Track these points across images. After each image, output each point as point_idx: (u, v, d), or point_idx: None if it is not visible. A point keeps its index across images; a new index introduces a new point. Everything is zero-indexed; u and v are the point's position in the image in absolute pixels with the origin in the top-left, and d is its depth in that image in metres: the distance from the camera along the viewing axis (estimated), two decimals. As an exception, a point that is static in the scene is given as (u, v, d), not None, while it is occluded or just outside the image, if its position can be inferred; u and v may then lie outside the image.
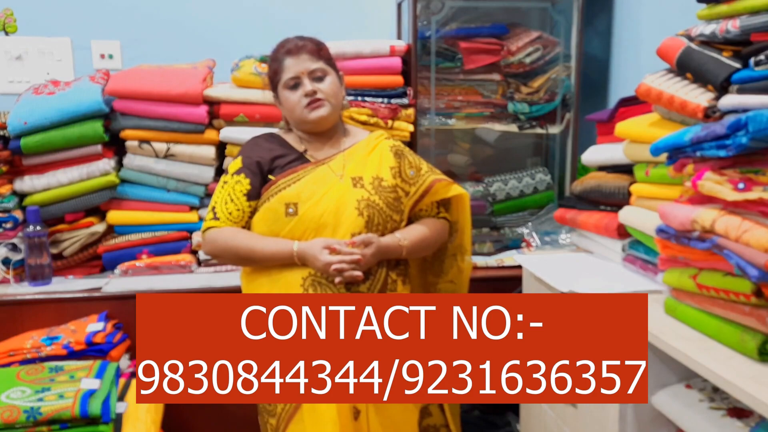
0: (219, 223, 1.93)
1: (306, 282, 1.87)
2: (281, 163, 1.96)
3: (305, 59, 1.94)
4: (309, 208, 1.88)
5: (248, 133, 2.53)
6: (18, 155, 2.44)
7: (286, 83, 1.95)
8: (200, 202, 2.62)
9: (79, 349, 2.13)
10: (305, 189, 1.90)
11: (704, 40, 1.58)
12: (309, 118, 1.94)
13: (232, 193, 1.93)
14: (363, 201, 1.90)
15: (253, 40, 2.86)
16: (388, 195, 1.94)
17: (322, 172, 1.93)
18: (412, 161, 2.03)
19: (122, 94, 2.52)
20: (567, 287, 1.74)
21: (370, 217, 1.90)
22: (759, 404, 1.10)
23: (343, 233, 1.87)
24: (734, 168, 1.31)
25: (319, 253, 1.82)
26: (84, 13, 2.90)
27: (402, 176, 1.99)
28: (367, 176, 1.94)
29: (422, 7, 2.65)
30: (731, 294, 1.28)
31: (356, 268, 1.83)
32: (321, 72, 1.95)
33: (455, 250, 2.11)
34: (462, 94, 2.75)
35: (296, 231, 1.88)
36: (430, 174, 2.02)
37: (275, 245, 1.88)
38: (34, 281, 2.39)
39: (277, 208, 1.89)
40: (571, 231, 2.21)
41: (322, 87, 1.94)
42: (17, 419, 1.77)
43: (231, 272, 2.54)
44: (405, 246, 1.92)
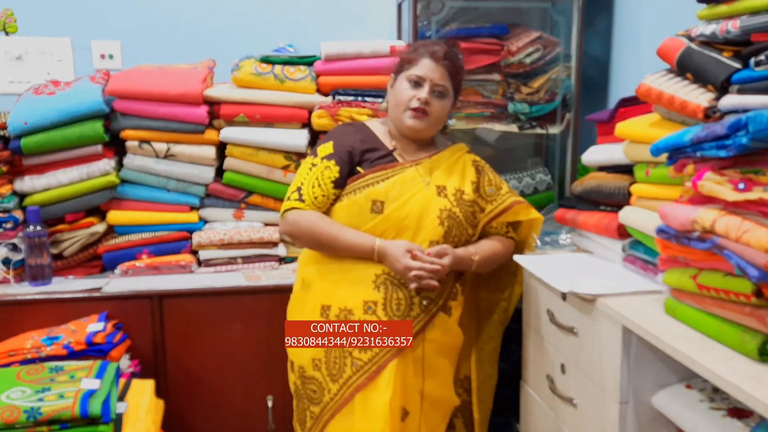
0: (303, 205, 1.93)
1: (379, 279, 1.89)
2: (371, 157, 1.97)
3: (441, 71, 1.96)
4: (395, 209, 1.90)
5: (248, 134, 2.54)
6: (18, 155, 2.44)
7: (410, 76, 1.97)
8: (200, 202, 2.62)
9: (80, 349, 2.13)
10: (393, 189, 1.92)
11: (704, 41, 1.58)
12: (406, 122, 1.97)
13: (320, 178, 1.94)
14: (445, 211, 1.93)
15: (253, 40, 2.88)
16: (468, 209, 1.98)
17: (410, 175, 1.95)
18: (492, 179, 2.07)
19: (122, 94, 2.52)
20: (567, 287, 1.74)
21: (449, 227, 1.93)
22: (759, 404, 1.10)
23: (422, 239, 1.90)
24: (734, 168, 1.31)
25: (402, 256, 1.84)
26: (84, 13, 2.90)
27: (480, 192, 2.02)
28: (451, 187, 1.97)
29: (422, 7, 2.65)
30: (731, 294, 1.28)
31: (433, 278, 1.84)
32: (444, 90, 1.98)
33: (515, 269, 2.14)
34: (462, 94, 2.74)
35: (378, 228, 1.90)
36: (510, 195, 2.06)
37: (358, 238, 1.89)
38: (34, 281, 2.39)
39: (363, 202, 1.91)
40: (571, 231, 2.21)
41: (436, 104, 1.97)
42: (17, 419, 1.77)
43: (231, 272, 2.54)
44: (476, 261, 1.96)
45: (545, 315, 1.94)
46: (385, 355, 1.86)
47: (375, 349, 1.86)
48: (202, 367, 2.41)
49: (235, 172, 2.59)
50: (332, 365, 1.90)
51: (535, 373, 2.07)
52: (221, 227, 2.59)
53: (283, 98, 2.56)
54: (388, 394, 1.83)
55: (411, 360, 1.90)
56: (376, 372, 1.86)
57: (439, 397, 1.99)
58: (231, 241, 2.53)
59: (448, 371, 2.01)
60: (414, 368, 1.91)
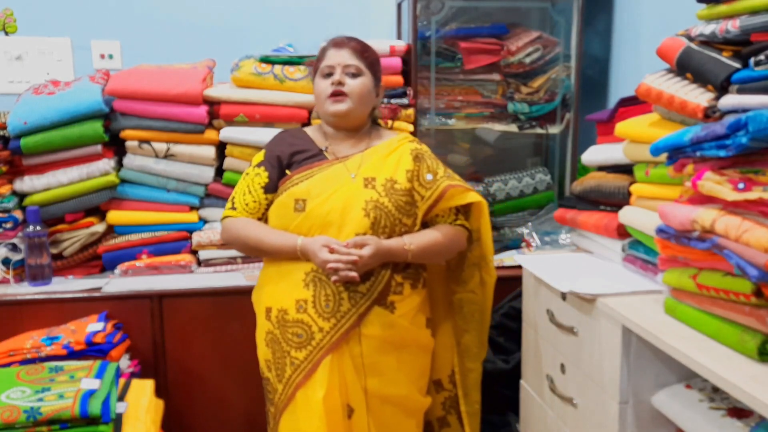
0: (235, 213, 1.98)
1: (308, 277, 1.89)
2: (299, 158, 1.99)
3: (346, 54, 1.99)
4: (316, 206, 1.90)
5: (248, 134, 2.54)
6: (18, 155, 2.44)
7: (322, 71, 2.00)
8: (200, 202, 2.62)
9: (79, 349, 2.13)
10: (315, 186, 1.92)
11: (704, 40, 1.58)
12: (329, 109, 1.98)
13: (251, 185, 1.98)
14: (371, 202, 1.90)
15: (253, 40, 2.87)
16: (400, 198, 1.93)
17: (336, 171, 1.95)
18: (430, 165, 2.00)
19: (122, 94, 2.52)
20: (567, 287, 1.74)
21: (376, 218, 1.90)
22: (759, 404, 1.10)
23: (348, 233, 1.88)
24: (734, 168, 1.31)
25: (318, 251, 1.84)
26: (84, 13, 2.90)
27: (419, 180, 1.98)
28: (381, 178, 1.94)
29: (422, 7, 2.65)
30: (731, 294, 1.28)
31: (352, 269, 1.83)
32: (356, 70, 1.98)
33: (477, 260, 2.08)
34: (462, 94, 2.75)
35: (303, 227, 1.90)
36: (445, 179, 1.99)
37: (281, 239, 1.91)
38: (34, 281, 2.39)
39: (288, 202, 1.92)
40: (571, 231, 2.21)
41: (352, 83, 1.97)
42: (17, 419, 1.77)
43: (231, 272, 2.54)
44: (410, 250, 1.91)
45: (545, 315, 1.94)
46: (319, 352, 1.86)
47: (309, 347, 1.87)
48: (201, 367, 2.41)
49: (235, 172, 2.59)
50: (278, 365, 1.92)
51: (535, 373, 2.07)
52: (221, 227, 2.59)
53: (282, 98, 2.56)
54: (322, 392, 1.83)
55: (348, 356, 1.88)
56: (311, 370, 1.86)
57: (389, 395, 1.94)
58: (231, 241, 2.53)
59: (396, 368, 1.94)
60: (353, 365, 1.89)
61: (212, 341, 2.40)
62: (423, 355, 2.03)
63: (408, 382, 1.98)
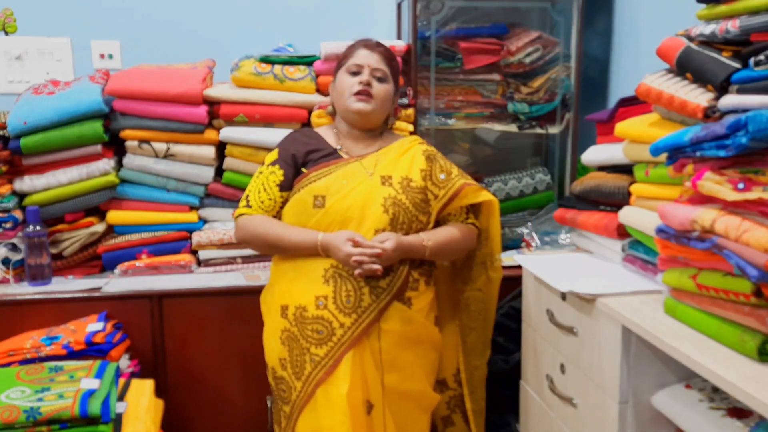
0: (251, 210, 2.00)
1: (327, 273, 1.90)
2: (315, 157, 2.01)
3: (376, 57, 2.03)
4: (336, 201, 1.92)
5: (248, 133, 2.54)
6: (18, 155, 2.44)
7: (349, 68, 2.02)
8: (200, 202, 2.62)
9: (79, 349, 2.13)
10: (334, 183, 1.94)
11: (704, 40, 1.58)
12: (353, 107, 2.00)
13: (265, 183, 2.00)
14: (390, 199, 1.93)
15: (253, 40, 2.87)
16: (416, 195, 1.97)
17: (353, 168, 1.97)
18: (443, 165, 2.06)
19: (122, 94, 2.52)
20: (567, 287, 1.74)
21: (395, 215, 1.93)
22: (759, 404, 1.10)
23: (367, 228, 1.90)
24: (734, 168, 1.31)
25: (342, 244, 1.85)
26: (84, 13, 2.90)
27: (432, 179, 2.02)
28: (397, 176, 1.98)
29: (422, 7, 2.65)
30: (731, 294, 1.28)
31: (376, 262, 1.84)
32: (383, 74, 2.03)
33: (484, 258, 2.13)
34: (462, 94, 2.74)
35: (322, 223, 1.92)
36: (460, 178, 2.05)
37: (301, 234, 1.92)
38: (34, 281, 2.39)
39: (306, 199, 1.94)
40: (570, 231, 2.21)
41: (378, 87, 2.02)
42: (17, 419, 1.77)
43: (231, 272, 2.54)
44: (428, 246, 1.94)
45: (545, 315, 1.94)
46: (340, 348, 1.87)
47: (330, 343, 1.87)
48: (201, 366, 2.41)
49: (235, 172, 2.59)
50: (295, 363, 1.91)
51: (534, 373, 2.07)
52: (221, 227, 2.59)
53: (282, 98, 2.56)
54: (345, 387, 1.84)
55: (369, 352, 1.89)
56: (333, 366, 1.87)
57: (407, 390, 1.96)
58: (231, 241, 2.53)
59: (413, 364, 1.97)
60: (373, 360, 1.90)
61: (212, 341, 2.40)
62: (434, 352, 2.06)
63: (423, 377, 2.01)
